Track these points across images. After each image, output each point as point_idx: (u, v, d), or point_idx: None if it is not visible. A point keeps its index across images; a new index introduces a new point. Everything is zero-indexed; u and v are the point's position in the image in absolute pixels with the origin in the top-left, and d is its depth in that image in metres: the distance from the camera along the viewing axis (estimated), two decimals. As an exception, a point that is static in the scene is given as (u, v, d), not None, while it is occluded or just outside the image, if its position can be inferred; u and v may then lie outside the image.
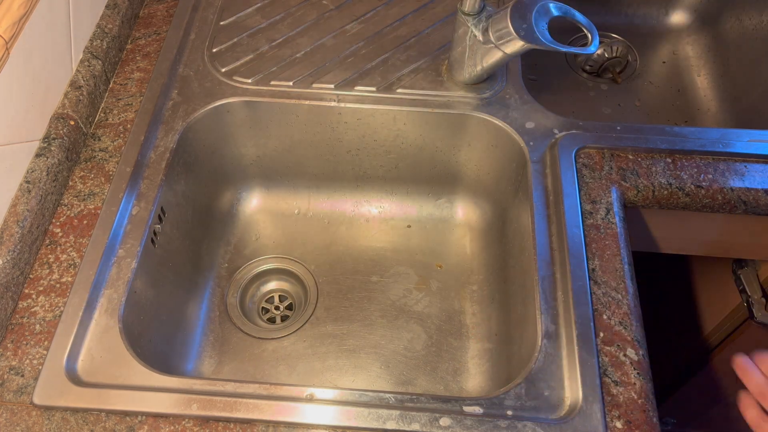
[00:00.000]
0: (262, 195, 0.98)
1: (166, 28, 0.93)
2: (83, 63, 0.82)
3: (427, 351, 0.86)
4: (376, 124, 0.88)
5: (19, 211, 0.68)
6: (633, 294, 0.70)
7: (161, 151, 0.81)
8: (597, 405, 0.62)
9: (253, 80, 0.87)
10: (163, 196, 0.78)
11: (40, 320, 0.67)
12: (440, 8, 0.96)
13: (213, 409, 0.61)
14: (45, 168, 0.72)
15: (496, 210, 0.94)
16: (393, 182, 0.96)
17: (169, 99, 0.85)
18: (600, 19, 1.16)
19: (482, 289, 0.90)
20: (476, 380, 0.83)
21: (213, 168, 0.92)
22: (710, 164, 0.80)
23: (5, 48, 0.65)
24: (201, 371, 0.83)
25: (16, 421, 0.61)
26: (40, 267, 0.71)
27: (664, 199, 0.79)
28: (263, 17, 0.94)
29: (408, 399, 0.63)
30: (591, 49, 0.78)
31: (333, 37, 0.92)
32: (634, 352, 0.66)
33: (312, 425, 0.62)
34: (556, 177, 0.78)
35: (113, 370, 0.65)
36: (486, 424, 0.61)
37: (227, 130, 0.89)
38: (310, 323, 0.88)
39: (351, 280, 0.92)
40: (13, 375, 0.64)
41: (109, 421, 0.62)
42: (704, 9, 1.16)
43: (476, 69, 0.82)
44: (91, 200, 0.76)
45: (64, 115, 0.77)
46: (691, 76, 1.12)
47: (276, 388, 0.63)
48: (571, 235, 0.73)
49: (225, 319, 0.88)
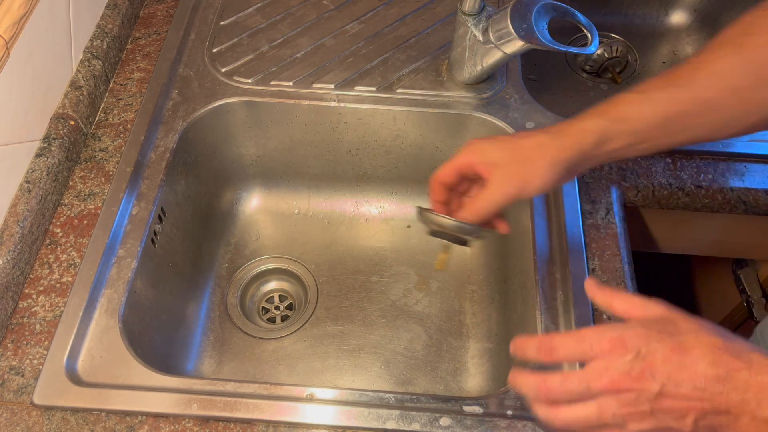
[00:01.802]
0: (262, 195, 0.98)
1: (166, 28, 0.93)
2: (83, 63, 0.82)
3: (427, 351, 0.86)
4: (376, 124, 0.88)
5: (19, 211, 0.68)
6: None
7: (161, 151, 0.81)
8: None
9: (253, 80, 0.87)
10: (164, 196, 0.79)
11: (40, 320, 0.67)
12: (440, 8, 0.96)
13: (213, 409, 0.61)
14: (45, 168, 0.72)
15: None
16: (393, 182, 0.96)
17: (169, 99, 0.85)
18: (600, 19, 1.16)
19: (482, 289, 0.90)
20: (476, 380, 0.83)
21: (213, 168, 0.92)
22: (710, 164, 0.80)
23: (5, 48, 0.65)
24: (201, 371, 0.83)
25: (16, 421, 0.61)
26: (41, 267, 0.71)
27: (664, 199, 0.79)
28: (263, 17, 0.94)
29: (408, 399, 0.63)
30: (591, 49, 0.78)
31: (333, 37, 0.92)
32: (634, 352, 0.66)
33: (312, 425, 0.62)
34: (556, 177, 0.78)
35: (113, 370, 0.65)
36: (486, 424, 0.61)
37: (227, 130, 0.89)
38: (310, 323, 0.88)
39: (351, 280, 0.92)
40: (13, 375, 0.64)
41: (109, 421, 0.62)
42: (704, 9, 1.16)
43: (476, 69, 0.82)
44: (91, 200, 0.76)
45: (64, 115, 0.77)
46: (691, 76, 1.12)
47: (276, 388, 0.63)
48: (571, 235, 0.73)
49: (225, 319, 0.88)
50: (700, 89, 0.50)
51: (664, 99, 0.51)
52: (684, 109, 0.51)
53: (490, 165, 0.56)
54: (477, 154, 0.57)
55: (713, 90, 0.50)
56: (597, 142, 0.53)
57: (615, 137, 0.53)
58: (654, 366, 0.41)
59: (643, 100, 0.52)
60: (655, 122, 0.52)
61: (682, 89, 0.51)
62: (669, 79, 0.52)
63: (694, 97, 0.50)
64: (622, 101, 0.53)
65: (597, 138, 0.53)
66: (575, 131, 0.54)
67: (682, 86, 0.51)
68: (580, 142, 0.54)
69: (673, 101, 0.51)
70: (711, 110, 0.50)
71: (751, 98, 0.49)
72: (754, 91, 0.48)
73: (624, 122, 0.53)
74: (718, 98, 0.50)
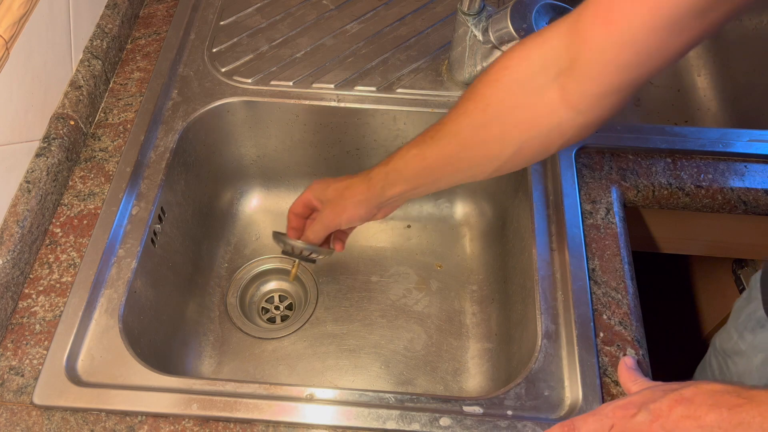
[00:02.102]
0: (262, 195, 0.98)
1: (166, 28, 0.93)
2: (83, 63, 0.82)
3: (427, 351, 0.86)
4: (376, 124, 0.88)
5: (19, 211, 0.68)
6: (633, 294, 0.70)
7: (161, 151, 0.81)
8: (597, 405, 0.62)
9: (253, 80, 0.87)
10: (163, 196, 0.78)
11: (40, 320, 0.67)
12: (440, 8, 0.96)
13: (213, 409, 0.61)
14: (45, 168, 0.72)
15: (496, 210, 0.94)
16: (393, 182, 0.96)
17: (169, 99, 0.85)
18: (600, 19, 1.16)
19: (482, 289, 0.90)
20: (476, 380, 0.83)
21: (213, 168, 0.92)
22: (710, 164, 0.80)
23: (5, 48, 0.65)
24: (201, 371, 0.83)
25: (16, 421, 0.61)
26: (40, 267, 0.71)
27: (664, 199, 0.79)
28: (263, 17, 0.94)
29: (408, 399, 0.63)
30: (591, 49, 0.77)
31: (333, 37, 0.92)
32: (634, 352, 0.66)
33: (312, 425, 0.62)
34: (556, 177, 0.78)
35: (113, 370, 0.65)
36: (486, 424, 0.61)
37: (227, 130, 0.89)
38: (310, 323, 0.88)
39: (351, 280, 0.92)
40: (13, 375, 0.64)
41: (109, 421, 0.62)
42: (704, 9, 1.15)
43: (476, 69, 0.82)
44: (91, 200, 0.76)
45: (64, 115, 0.77)
46: (691, 76, 1.12)
47: (276, 388, 0.63)
48: (571, 235, 0.73)
49: (225, 319, 0.88)
50: (442, 146, 0.59)
51: (419, 155, 0.61)
52: (433, 163, 0.60)
53: (321, 201, 0.70)
54: (315, 192, 0.71)
55: (450, 147, 0.58)
56: (383, 186, 0.64)
57: (395, 184, 0.63)
58: (661, 416, 0.47)
59: (406, 155, 0.62)
60: (417, 173, 0.62)
61: (429, 147, 0.60)
62: (425, 137, 0.61)
63: (438, 154, 0.59)
64: (398, 154, 0.63)
65: (382, 184, 0.64)
66: (371, 177, 0.65)
67: (429, 145, 0.60)
68: (373, 186, 0.65)
69: (425, 157, 0.60)
70: (454, 162, 0.59)
71: (479, 154, 0.58)
72: (479, 148, 0.57)
73: (398, 172, 0.63)
74: (455, 153, 0.58)
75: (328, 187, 0.70)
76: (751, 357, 0.71)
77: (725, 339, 0.76)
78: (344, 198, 0.67)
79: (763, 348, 0.70)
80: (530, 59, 0.52)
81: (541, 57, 0.51)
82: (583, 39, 0.47)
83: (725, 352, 0.76)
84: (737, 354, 0.74)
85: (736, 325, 0.74)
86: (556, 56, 0.49)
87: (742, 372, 0.73)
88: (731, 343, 0.75)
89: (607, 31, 0.45)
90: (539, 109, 0.52)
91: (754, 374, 0.71)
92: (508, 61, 0.53)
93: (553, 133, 0.52)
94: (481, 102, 0.55)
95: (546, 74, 0.50)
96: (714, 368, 0.79)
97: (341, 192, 0.68)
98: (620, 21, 0.44)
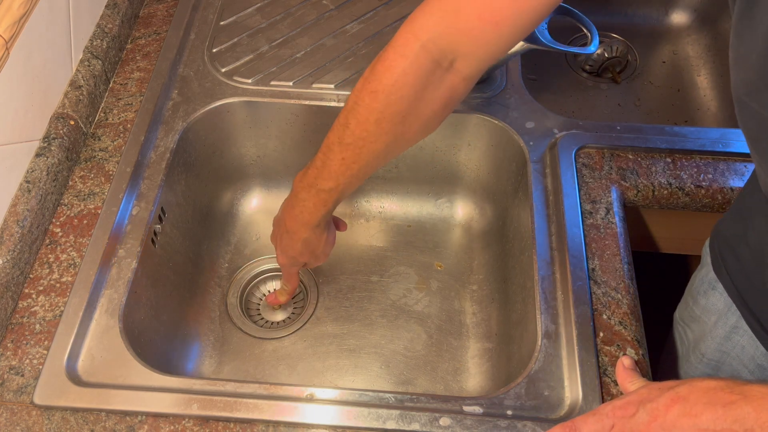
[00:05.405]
0: (262, 195, 0.98)
1: (166, 28, 0.93)
2: (83, 63, 0.82)
3: (427, 351, 0.86)
4: (376, 124, 0.87)
5: (19, 211, 0.68)
6: (633, 294, 0.70)
7: (161, 151, 0.81)
8: (597, 405, 0.62)
9: (253, 80, 0.87)
10: (163, 196, 0.79)
11: (40, 320, 0.67)
12: (440, 8, 0.95)
13: (213, 408, 0.61)
14: (45, 168, 0.72)
15: (496, 210, 0.94)
16: (393, 182, 0.96)
17: (169, 99, 0.85)
18: (600, 19, 1.16)
19: (482, 289, 0.90)
20: (476, 380, 0.83)
21: (213, 168, 0.92)
22: (710, 164, 0.80)
23: (5, 48, 0.65)
24: (201, 371, 0.83)
25: (16, 420, 0.61)
26: (40, 267, 0.71)
27: (664, 198, 0.79)
28: (263, 17, 0.94)
29: (408, 399, 0.63)
30: (591, 49, 0.78)
31: (333, 37, 0.92)
32: (634, 352, 0.66)
33: (312, 425, 0.62)
34: (556, 177, 0.78)
35: (113, 370, 0.65)
36: (486, 424, 0.61)
37: (227, 130, 0.89)
38: (310, 323, 0.88)
39: (351, 280, 0.92)
40: (13, 375, 0.64)
41: (109, 420, 0.62)
42: (704, 9, 1.16)
43: (476, 69, 0.82)
44: (91, 200, 0.76)
45: (64, 115, 0.77)
46: (691, 76, 1.12)
47: (276, 387, 0.63)
48: (571, 235, 0.73)
49: (225, 318, 0.88)
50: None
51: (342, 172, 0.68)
52: (356, 172, 0.67)
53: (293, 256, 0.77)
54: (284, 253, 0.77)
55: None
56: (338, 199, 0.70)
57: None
58: (659, 416, 0.48)
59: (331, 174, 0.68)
60: (346, 185, 0.67)
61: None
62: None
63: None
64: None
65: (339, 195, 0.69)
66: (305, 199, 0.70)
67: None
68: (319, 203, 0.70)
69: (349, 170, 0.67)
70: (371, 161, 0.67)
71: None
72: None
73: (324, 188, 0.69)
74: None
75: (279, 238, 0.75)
76: (706, 321, 0.72)
77: (683, 308, 0.78)
78: (295, 231, 0.72)
79: (715, 310, 0.70)
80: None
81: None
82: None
83: (683, 320, 0.77)
84: (693, 320, 0.75)
85: (691, 292, 0.75)
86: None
87: (698, 338, 0.74)
88: (687, 311, 0.76)
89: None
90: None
91: (708, 338, 0.71)
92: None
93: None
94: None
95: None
96: (675, 339, 0.80)
97: (288, 229, 0.72)
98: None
